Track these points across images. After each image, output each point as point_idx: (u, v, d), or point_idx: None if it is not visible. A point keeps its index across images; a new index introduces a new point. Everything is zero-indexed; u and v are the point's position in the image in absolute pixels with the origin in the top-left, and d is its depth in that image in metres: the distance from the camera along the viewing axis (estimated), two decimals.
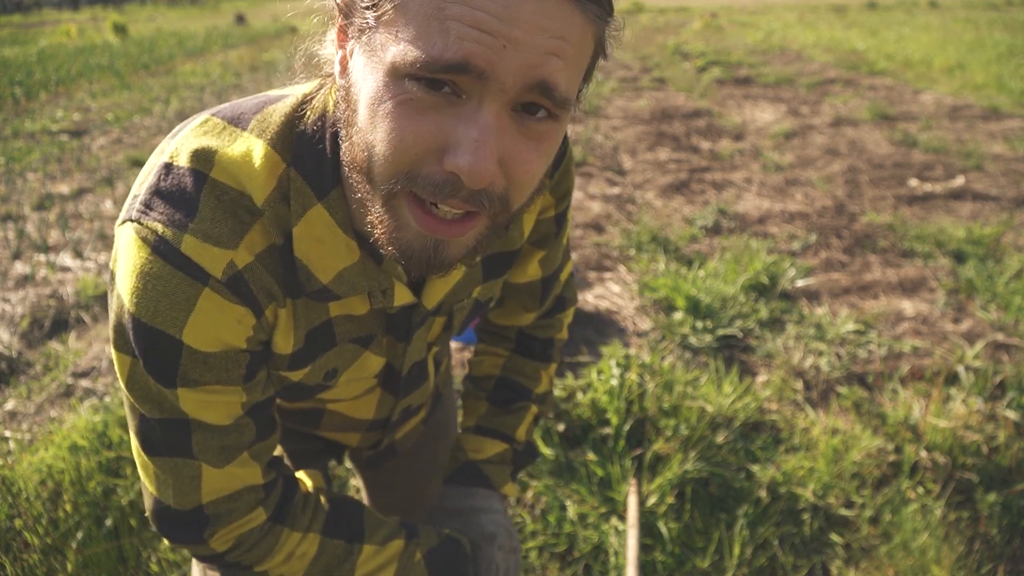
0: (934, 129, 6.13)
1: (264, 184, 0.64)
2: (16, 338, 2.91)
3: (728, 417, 2.21)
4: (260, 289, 0.66)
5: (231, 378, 0.67)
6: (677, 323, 2.84)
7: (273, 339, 0.71)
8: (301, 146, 0.66)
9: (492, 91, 0.53)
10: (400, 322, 0.81)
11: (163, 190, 0.62)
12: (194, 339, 0.63)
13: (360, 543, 0.83)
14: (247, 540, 0.76)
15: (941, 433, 2.11)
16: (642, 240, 3.72)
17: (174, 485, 0.71)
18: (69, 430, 2.13)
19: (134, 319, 0.62)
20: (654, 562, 1.78)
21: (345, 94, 0.60)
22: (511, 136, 0.56)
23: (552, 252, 0.94)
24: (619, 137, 6.07)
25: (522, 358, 1.07)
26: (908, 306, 3.05)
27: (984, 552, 1.82)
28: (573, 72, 0.56)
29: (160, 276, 0.61)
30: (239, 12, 24.29)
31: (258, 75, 10.04)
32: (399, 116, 0.54)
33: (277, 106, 0.68)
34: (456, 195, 0.56)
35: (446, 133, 0.54)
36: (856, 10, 21.45)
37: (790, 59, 10.77)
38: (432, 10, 0.51)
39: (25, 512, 1.79)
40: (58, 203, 4.63)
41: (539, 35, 0.52)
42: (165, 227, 0.61)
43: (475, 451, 1.04)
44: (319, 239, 0.67)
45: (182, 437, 0.68)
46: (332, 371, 0.80)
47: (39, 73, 10.32)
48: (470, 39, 0.50)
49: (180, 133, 0.66)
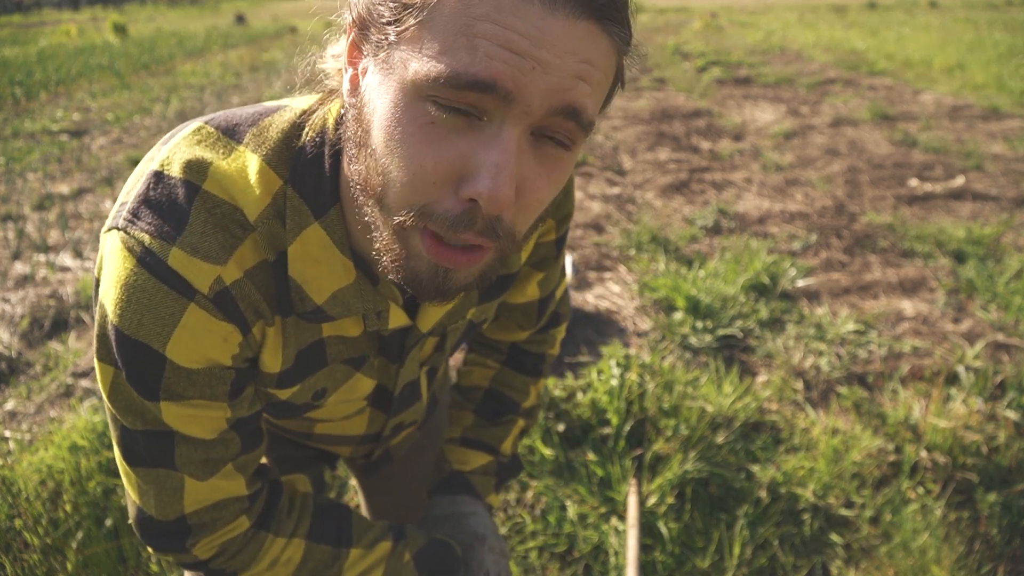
0: (934, 129, 6.13)
1: (259, 200, 0.62)
2: (16, 338, 2.91)
3: (728, 417, 2.21)
4: (248, 306, 0.64)
5: (215, 394, 0.66)
6: (677, 323, 2.84)
7: (261, 357, 0.69)
8: (299, 163, 0.64)
9: (515, 114, 0.52)
10: (393, 344, 0.79)
11: (152, 200, 0.60)
12: (178, 355, 0.62)
13: (347, 547, 0.83)
14: (230, 547, 0.75)
15: (941, 433, 2.11)
16: (642, 240, 3.72)
17: (155, 496, 0.70)
18: (69, 430, 2.13)
19: (117, 331, 0.61)
20: (654, 562, 1.78)
21: (357, 113, 0.58)
22: (527, 161, 0.55)
23: (550, 273, 0.94)
24: (619, 137, 6.07)
25: (512, 372, 1.06)
26: (908, 306, 3.05)
27: (984, 552, 1.82)
28: (597, 97, 0.55)
29: (145, 289, 0.59)
30: (239, 12, 24.29)
31: (258, 75, 10.05)
32: (418, 140, 0.53)
33: (274, 119, 0.66)
34: (472, 228, 0.55)
35: (466, 159, 0.53)
36: (856, 10, 21.45)
37: (790, 59, 10.77)
38: (460, 27, 0.50)
39: (25, 512, 1.79)
40: (58, 203, 4.63)
41: (569, 58, 0.51)
42: (152, 238, 0.59)
43: (460, 463, 1.03)
44: (315, 259, 0.66)
45: (165, 449, 0.67)
46: (321, 391, 0.78)
47: (39, 73, 10.32)
48: (499, 58, 0.49)
49: (171, 141, 0.64)
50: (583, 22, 0.51)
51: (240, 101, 7.91)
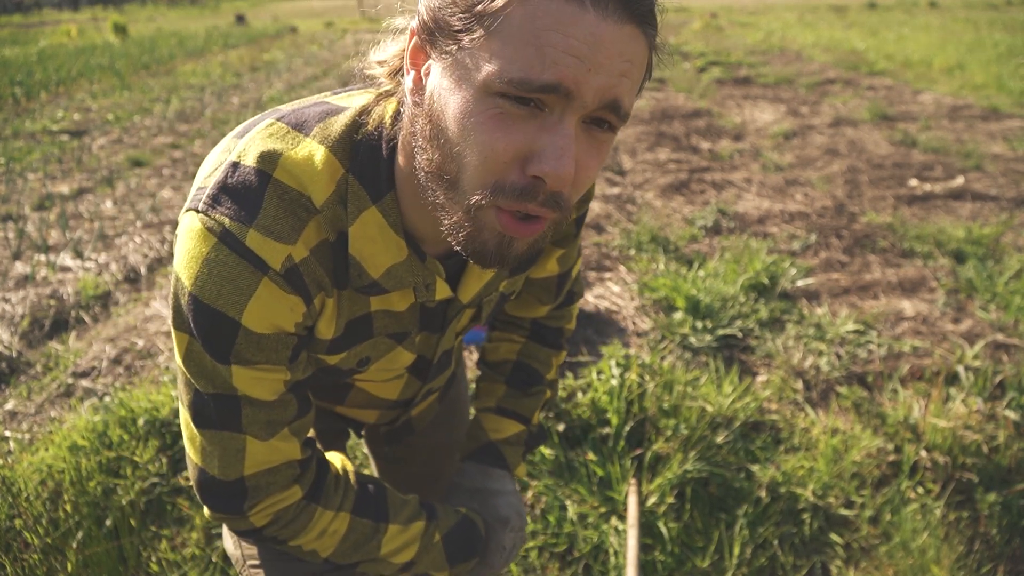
0: (934, 129, 6.13)
1: (325, 187, 0.71)
2: (16, 338, 2.91)
3: (728, 417, 2.21)
4: (312, 280, 0.72)
5: (279, 359, 0.73)
6: (677, 323, 2.84)
7: (317, 325, 0.77)
8: (359, 154, 0.73)
9: (574, 107, 0.60)
10: (435, 316, 0.88)
11: (230, 186, 0.68)
12: (251, 321, 0.69)
13: (386, 523, 0.89)
14: (284, 516, 0.81)
15: (941, 433, 2.11)
16: (642, 240, 3.72)
17: (220, 456, 0.76)
18: (69, 430, 2.13)
19: (196, 300, 0.68)
20: (654, 562, 1.78)
21: (427, 109, 0.65)
22: (581, 145, 0.63)
23: (570, 250, 1.02)
24: (619, 137, 6.07)
25: (536, 345, 1.15)
26: (908, 306, 3.05)
27: (984, 552, 1.82)
28: (634, 91, 0.64)
29: (225, 263, 0.67)
30: (239, 12, 24.29)
31: (258, 75, 10.05)
32: (492, 128, 0.60)
33: (339, 117, 0.74)
34: (535, 199, 0.62)
35: (531, 141, 0.61)
36: (856, 10, 21.44)
37: (790, 59, 10.77)
38: (529, 36, 0.57)
39: (25, 512, 1.79)
40: (58, 203, 4.63)
41: (616, 59, 0.59)
42: (232, 220, 0.67)
43: (495, 431, 1.11)
44: (372, 238, 0.74)
45: (233, 411, 0.74)
46: (365, 359, 0.86)
47: (39, 73, 10.32)
48: (563, 63, 0.57)
49: (247, 135, 0.72)
50: (627, 26, 0.59)
51: (240, 101, 7.90)
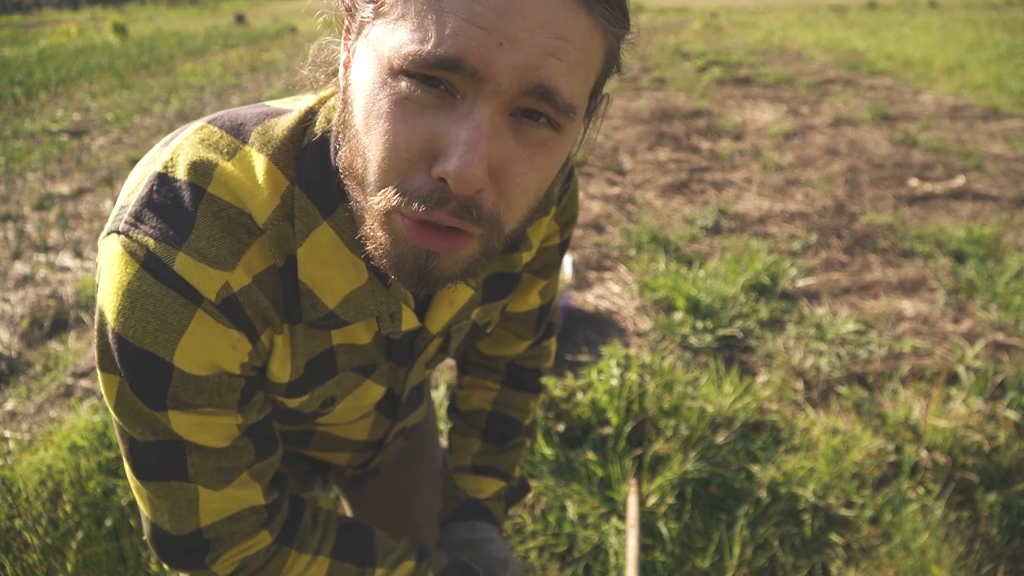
0: (934, 129, 6.13)
1: (267, 202, 0.60)
2: (16, 338, 2.91)
3: (728, 417, 2.21)
4: (256, 313, 0.62)
5: (225, 402, 0.63)
6: (677, 323, 2.84)
7: (269, 366, 0.67)
8: (305, 162, 0.62)
9: (486, 92, 0.49)
10: (402, 348, 0.77)
11: (156, 203, 0.58)
12: (185, 362, 0.59)
13: (372, 567, 0.80)
14: (252, 563, 0.72)
15: (941, 433, 2.10)
16: (642, 240, 3.72)
17: (169, 509, 0.67)
18: (69, 430, 2.13)
19: (120, 339, 0.58)
20: (654, 562, 1.78)
21: (343, 94, 0.57)
22: (505, 143, 0.52)
23: (552, 281, 0.92)
24: (619, 137, 6.07)
25: (512, 391, 1.04)
26: (908, 306, 3.05)
27: (984, 552, 1.82)
28: (578, 79, 0.52)
29: (150, 295, 0.57)
30: (239, 12, 24.29)
31: (258, 75, 10.05)
32: (392, 116, 0.51)
33: (280, 119, 0.64)
34: (444, 207, 0.52)
35: (437, 135, 0.51)
36: (856, 10, 21.44)
37: (790, 59, 10.77)
38: (430, 1, 0.48)
39: (25, 512, 1.78)
40: (58, 203, 4.63)
41: (539, 33, 0.48)
42: (157, 242, 0.57)
43: (476, 491, 1.02)
44: (325, 261, 0.63)
45: (176, 459, 0.64)
46: (330, 399, 0.76)
47: (39, 73, 10.31)
48: (464, 34, 0.47)
49: (174, 142, 0.62)
50: None
51: (240, 101, 7.91)
